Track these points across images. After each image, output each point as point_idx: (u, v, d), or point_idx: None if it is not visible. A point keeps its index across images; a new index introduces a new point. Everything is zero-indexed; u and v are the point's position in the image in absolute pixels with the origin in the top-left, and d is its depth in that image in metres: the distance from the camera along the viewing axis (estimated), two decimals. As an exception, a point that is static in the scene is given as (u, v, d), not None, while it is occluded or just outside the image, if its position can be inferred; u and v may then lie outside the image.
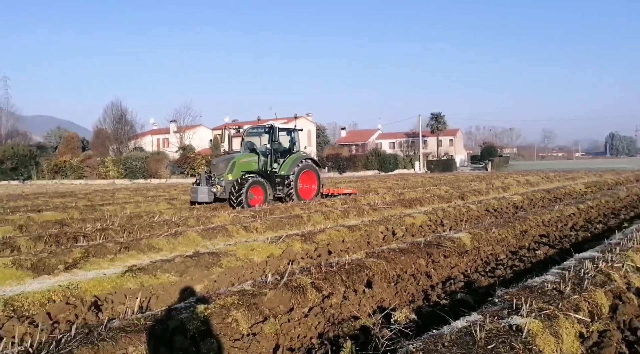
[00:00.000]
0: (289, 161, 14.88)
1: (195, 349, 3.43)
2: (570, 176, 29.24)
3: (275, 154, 14.82)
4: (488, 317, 3.27)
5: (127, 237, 8.31)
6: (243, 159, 14.51)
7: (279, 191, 14.69)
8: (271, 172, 14.52)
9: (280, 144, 15.24)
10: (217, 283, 5.83)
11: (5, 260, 6.10)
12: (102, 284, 5.30)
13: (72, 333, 3.34)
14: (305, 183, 15.51)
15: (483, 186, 21.25)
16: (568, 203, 12.28)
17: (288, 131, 15.89)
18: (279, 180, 14.64)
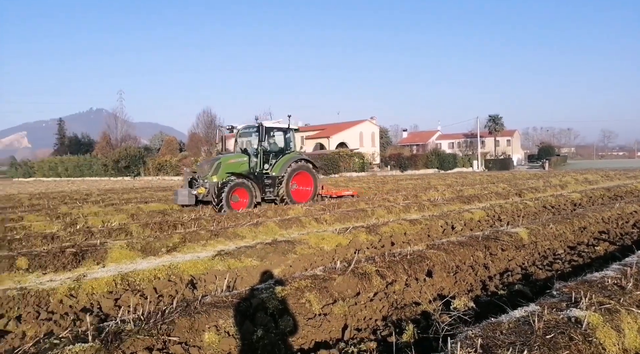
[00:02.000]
0: (281, 162, 12.95)
1: (275, 325, 3.52)
2: (631, 174, 26.69)
3: (266, 154, 12.90)
4: (546, 308, 3.08)
5: (216, 226, 8.69)
6: (230, 160, 12.42)
7: (269, 193, 12.68)
8: (259, 173, 12.48)
9: (275, 144, 13.42)
10: (292, 268, 5.94)
11: (121, 242, 6.62)
12: (197, 266, 5.59)
13: (173, 306, 3.56)
14: (300, 185, 13.46)
15: (540, 183, 19.96)
16: (629, 201, 11.23)
17: (282, 131, 13.65)
18: (270, 181, 12.68)
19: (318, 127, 70.21)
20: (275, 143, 13.41)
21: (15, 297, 4.30)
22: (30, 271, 5.53)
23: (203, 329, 3.27)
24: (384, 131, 77.18)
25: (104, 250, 6.27)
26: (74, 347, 2.79)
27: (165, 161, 47.04)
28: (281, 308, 3.71)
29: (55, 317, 4.00)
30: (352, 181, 27.78)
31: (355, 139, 61.65)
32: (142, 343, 2.98)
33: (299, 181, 13.39)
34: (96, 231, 8.00)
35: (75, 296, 4.54)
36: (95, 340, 2.90)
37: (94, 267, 5.86)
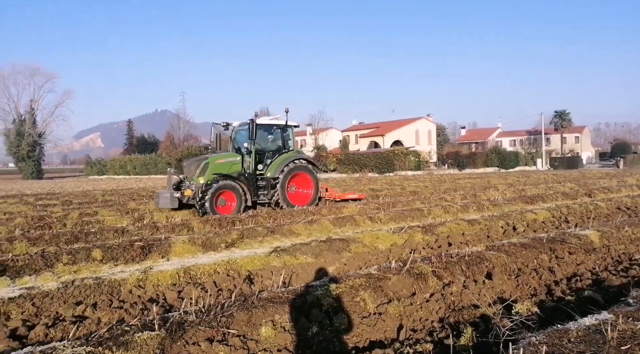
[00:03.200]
0: (277, 162, 11.72)
1: (329, 322, 3.55)
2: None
3: (260, 154, 11.79)
4: (621, 317, 2.86)
5: (272, 223, 8.88)
6: (219, 160, 11.30)
7: (263, 196, 11.56)
8: (249, 174, 11.35)
9: (274, 142, 12.38)
10: (346, 266, 5.95)
11: (183, 238, 6.95)
12: (254, 262, 5.74)
13: (232, 300, 3.68)
14: (299, 187, 12.26)
15: (614, 183, 18.55)
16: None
17: (279, 128, 12.37)
18: (264, 184, 11.55)
19: (372, 125, 69.66)
20: (273, 141, 12.34)
21: (91, 286, 4.65)
22: (104, 262, 5.95)
23: (260, 324, 3.36)
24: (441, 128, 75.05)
25: (168, 244, 6.62)
26: (142, 334, 2.97)
27: (224, 160, 48.75)
28: (336, 306, 3.73)
29: (125, 306, 4.28)
30: (407, 180, 27.32)
31: (411, 137, 60.50)
32: (203, 334, 3.12)
33: (299, 183, 12.22)
34: (161, 226, 8.45)
35: (143, 287, 4.83)
36: (161, 329, 3.07)
37: (159, 260, 6.20)
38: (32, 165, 50.49)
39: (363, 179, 29.72)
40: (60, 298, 4.40)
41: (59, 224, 9.32)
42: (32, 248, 6.64)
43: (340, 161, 42.59)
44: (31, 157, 50.51)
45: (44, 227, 8.77)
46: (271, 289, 4.21)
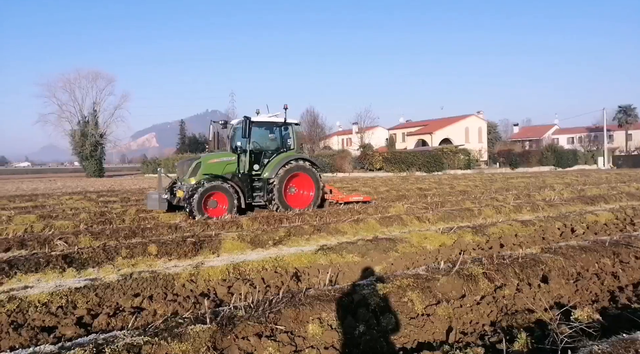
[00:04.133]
0: (274, 162, 11.12)
1: (376, 321, 3.52)
2: None
3: (257, 153, 11.19)
4: (695, 328, 2.64)
5: (319, 221, 8.93)
6: (212, 160, 10.79)
7: (258, 198, 10.95)
8: (243, 175, 10.72)
9: (272, 141, 11.74)
10: (393, 266, 5.88)
11: (233, 234, 7.14)
12: (301, 259, 5.80)
13: (280, 296, 3.74)
14: (300, 189, 11.62)
15: (686, 183, 17.13)
16: None
17: (277, 126, 11.72)
18: (260, 184, 11.00)
19: (420, 123, 68.37)
20: (272, 140, 11.70)
21: (147, 279, 4.88)
22: (159, 257, 6.23)
23: (307, 321, 3.39)
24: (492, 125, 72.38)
25: (218, 241, 6.82)
26: (195, 327, 3.08)
27: (272, 159, 49.64)
28: (383, 305, 3.69)
29: (179, 299, 4.46)
30: (456, 179, 26.60)
31: (460, 134, 58.81)
32: (252, 329, 3.19)
33: (299, 185, 11.56)
34: (212, 223, 8.73)
35: (194, 281, 5.01)
36: (212, 323, 3.17)
37: (210, 256, 6.40)
38: (94, 164, 53.79)
39: (410, 178, 29.24)
40: (120, 290, 4.65)
41: (118, 219, 9.87)
42: (95, 242, 7.07)
43: (387, 160, 42.13)
44: (93, 157, 53.82)
45: (105, 223, 9.31)
46: (318, 287, 4.24)
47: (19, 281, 5.11)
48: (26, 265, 5.48)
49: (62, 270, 5.47)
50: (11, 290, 4.54)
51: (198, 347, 2.94)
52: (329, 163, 43.87)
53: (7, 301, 4.14)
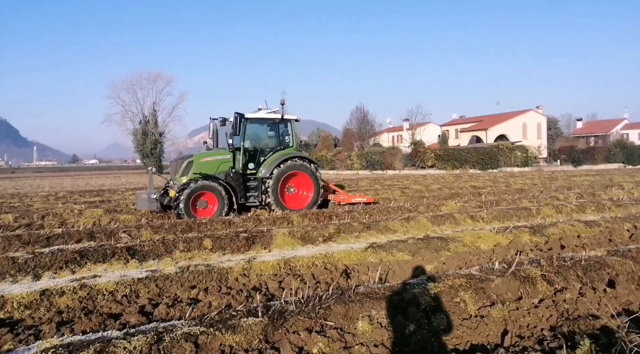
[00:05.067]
0: (270, 160, 10.66)
1: (427, 321, 3.46)
2: None
3: (253, 151, 10.80)
4: None
5: (368, 219, 8.89)
6: (205, 158, 10.45)
7: (253, 198, 10.53)
8: (234, 174, 10.26)
9: (271, 138, 11.24)
10: (445, 265, 5.74)
11: (284, 230, 7.28)
12: (350, 256, 5.81)
13: (329, 292, 3.77)
14: (299, 189, 11.11)
15: None
16: None
17: (274, 123, 11.18)
18: (254, 184, 10.57)
19: (474, 119, 66.06)
20: (271, 138, 11.25)
21: (203, 272, 5.09)
22: (213, 251, 6.47)
23: (357, 318, 3.39)
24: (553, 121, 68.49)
25: (270, 236, 6.97)
26: (247, 320, 3.17)
27: (321, 156, 49.91)
28: (434, 305, 3.62)
29: (232, 292, 4.61)
30: (512, 177, 25.49)
31: (517, 130, 56.20)
32: (303, 324, 3.24)
33: (298, 184, 11.06)
34: (263, 218, 8.93)
35: (247, 275, 5.16)
36: (264, 316, 3.25)
37: (262, 251, 6.56)
38: (154, 161, 56.67)
39: (463, 176, 28.36)
40: (178, 281, 4.88)
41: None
42: (155, 235, 7.46)
43: (439, 157, 41.08)
44: (153, 154, 56.70)
45: (164, 217, 9.78)
46: (367, 285, 4.23)
47: (88, 270, 5.50)
48: (95, 256, 5.88)
49: (126, 261, 5.82)
50: (82, 278, 4.90)
51: (250, 339, 3.03)
52: (379, 160, 43.45)
53: (79, 289, 4.47)
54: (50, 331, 3.61)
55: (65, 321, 3.93)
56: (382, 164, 43.18)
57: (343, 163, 47.07)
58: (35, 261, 5.57)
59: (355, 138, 54.81)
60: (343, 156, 48.07)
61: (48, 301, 4.25)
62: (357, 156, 46.02)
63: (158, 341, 2.84)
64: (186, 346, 2.85)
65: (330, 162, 48.77)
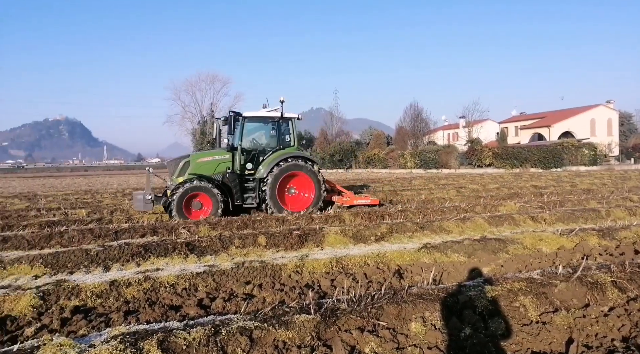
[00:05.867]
0: (268, 160, 10.35)
1: (483, 325, 3.34)
2: None
3: (252, 151, 10.53)
4: None
5: (422, 218, 8.71)
6: (203, 158, 10.28)
7: (250, 199, 10.22)
8: (230, 175, 10.02)
9: (271, 138, 10.93)
10: (503, 268, 5.51)
11: (336, 229, 7.30)
12: (403, 256, 5.73)
13: (382, 292, 3.74)
14: (300, 190, 10.76)
15: None
16: None
17: (273, 122, 10.80)
18: (252, 185, 10.28)
19: (536, 115, 62.72)
20: (271, 137, 10.92)
21: (257, 268, 5.23)
22: (267, 248, 6.62)
23: (409, 319, 3.34)
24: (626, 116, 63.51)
25: (322, 234, 7.03)
26: (300, 317, 3.22)
27: (373, 154, 49.53)
28: (491, 309, 3.49)
29: (285, 289, 4.69)
30: (579, 176, 23.95)
31: (584, 127, 52.70)
32: (355, 323, 3.24)
33: (299, 185, 10.70)
34: (316, 217, 9.01)
35: (300, 272, 5.23)
36: (316, 314, 3.28)
37: (314, 249, 6.62)
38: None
39: (524, 175, 27.04)
40: (233, 277, 5.05)
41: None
42: (212, 231, 7.75)
43: (497, 155, 39.41)
44: (210, 154, 58.93)
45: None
46: (421, 285, 4.15)
47: (152, 263, 5.82)
48: (157, 250, 6.21)
49: (185, 256, 6.10)
50: (146, 271, 5.20)
51: (303, 336, 3.08)
52: (433, 159, 42.42)
53: (144, 281, 4.74)
54: (118, 319, 3.86)
55: (131, 310, 4.18)
56: (436, 162, 42.12)
57: (396, 162, 46.42)
58: (105, 253, 5.98)
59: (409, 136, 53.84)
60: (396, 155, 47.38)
61: (116, 291, 4.54)
62: (410, 155, 45.19)
63: (215, 334, 2.95)
64: (241, 340, 2.94)
65: (383, 161, 48.25)
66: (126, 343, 2.76)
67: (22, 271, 5.49)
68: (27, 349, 2.71)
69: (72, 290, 4.47)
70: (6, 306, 4.13)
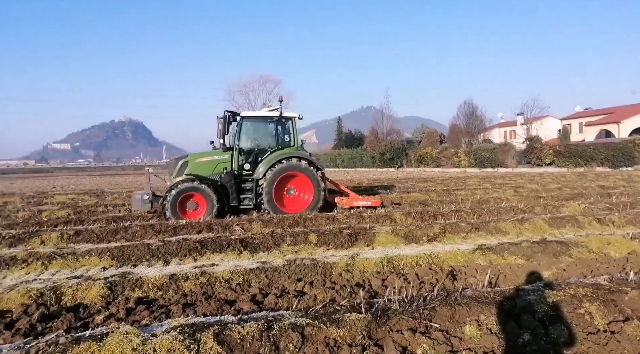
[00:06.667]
0: (266, 161, 10.14)
1: (544, 331, 3.18)
2: None
3: (251, 151, 10.34)
4: None
5: (477, 219, 8.43)
6: (201, 159, 10.18)
7: (247, 201, 10.03)
8: (225, 175, 9.90)
9: (272, 137, 10.62)
10: (565, 272, 5.21)
11: (386, 228, 7.23)
12: (457, 257, 5.57)
13: (434, 293, 3.66)
14: (300, 191, 10.44)
15: None
16: None
17: (272, 121, 10.56)
18: (250, 186, 10.10)
19: (603, 111, 58.71)
20: (272, 137, 10.64)
21: (308, 265, 5.29)
22: (318, 246, 6.68)
23: (464, 322, 3.24)
24: None
25: (373, 234, 6.98)
26: (351, 315, 3.22)
27: (425, 153, 48.45)
28: (552, 315, 3.31)
29: (336, 287, 4.71)
30: (652, 175, 22.13)
31: (660, 122, 48.61)
32: (406, 324, 3.19)
33: (298, 186, 10.40)
34: (366, 216, 8.97)
35: (350, 271, 5.24)
36: (367, 313, 3.27)
37: (365, 248, 6.60)
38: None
39: (589, 175, 25.39)
40: (285, 273, 5.14)
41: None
42: (265, 229, 7.93)
43: (559, 153, 37.25)
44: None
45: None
46: (475, 288, 4.02)
47: (207, 258, 6.05)
48: (213, 246, 6.45)
49: (239, 252, 6.29)
50: (203, 266, 5.42)
51: (354, 334, 3.08)
52: (489, 157, 40.84)
53: (200, 275, 4.95)
54: (177, 311, 4.05)
55: (189, 303, 4.37)
56: (492, 161, 40.52)
57: (449, 160, 45.14)
58: (165, 248, 6.30)
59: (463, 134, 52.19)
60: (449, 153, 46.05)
61: (175, 285, 4.77)
62: (464, 153, 43.78)
63: (268, 329, 3.02)
64: (293, 336, 2.99)
65: (436, 159, 47.09)
66: (185, 334, 2.89)
67: (92, 262, 5.90)
68: (98, 336, 2.92)
69: (135, 282, 4.74)
70: (79, 294, 4.46)
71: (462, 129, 52.92)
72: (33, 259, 5.86)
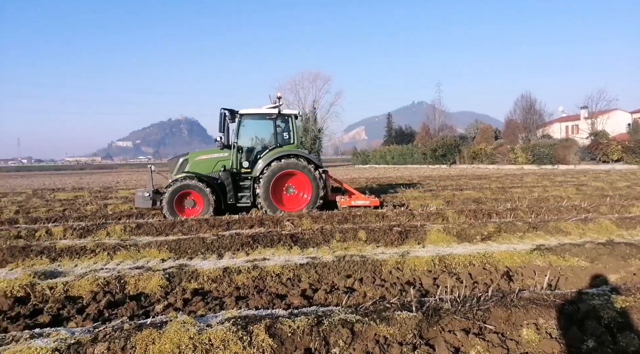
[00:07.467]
0: (263, 159, 10.01)
1: (611, 339, 2.98)
2: None
3: (247, 148, 10.28)
4: None
5: (535, 218, 8.04)
6: (201, 157, 10.19)
7: (245, 199, 9.99)
8: (223, 173, 9.88)
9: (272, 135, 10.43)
10: (635, 276, 4.85)
11: (438, 226, 7.07)
12: (513, 258, 5.35)
13: (488, 294, 3.54)
14: (299, 190, 10.22)
15: None
16: None
17: (271, 119, 10.36)
18: (248, 184, 10.03)
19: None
20: (272, 135, 10.47)
21: (358, 262, 5.28)
22: (367, 243, 6.64)
23: (520, 324, 3.11)
24: None
25: (424, 232, 6.84)
26: (401, 314, 3.18)
27: (479, 149, 46.75)
28: (621, 322, 3.10)
29: (386, 285, 4.67)
30: None
31: None
32: (459, 324, 3.11)
33: (297, 185, 10.21)
34: (417, 213, 8.81)
35: (400, 269, 5.17)
36: (418, 312, 3.22)
37: (415, 246, 6.48)
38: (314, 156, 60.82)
39: (662, 171, 23.44)
40: (334, 270, 5.16)
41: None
42: (314, 225, 8.00)
43: (628, 149, 34.63)
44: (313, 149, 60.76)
45: (321, 208, 10.39)
46: (533, 290, 3.84)
47: (259, 253, 6.20)
48: (264, 241, 6.60)
49: (289, 247, 6.39)
50: (254, 260, 5.56)
51: (404, 333, 3.04)
52: (548, 154, 38.73)
53: (252, 269, 5.08)
54: (230, 304, 4.18)
55: (241, 296, 4.50)
56: (552, 158, 38.39)
57: (505, 157, 43.28)
58: (219, 242, 6.52)
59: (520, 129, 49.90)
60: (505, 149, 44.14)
61: (229, 278, 4.93)
62: (521, 149, 41.79)
63: (318, 324, 3.05)
64: (343, 332, 3.00)
65: (490, 156, 45.32)
66: (238, 326, 2.98)
67: (152, 254, 6.22)
68: (158, 324, 3.08)
69: (192, 274, 4.95)
70: (140, 284, 4.73)
71: (519, 124, 50.58)
72: (100, 249, 6.27)
